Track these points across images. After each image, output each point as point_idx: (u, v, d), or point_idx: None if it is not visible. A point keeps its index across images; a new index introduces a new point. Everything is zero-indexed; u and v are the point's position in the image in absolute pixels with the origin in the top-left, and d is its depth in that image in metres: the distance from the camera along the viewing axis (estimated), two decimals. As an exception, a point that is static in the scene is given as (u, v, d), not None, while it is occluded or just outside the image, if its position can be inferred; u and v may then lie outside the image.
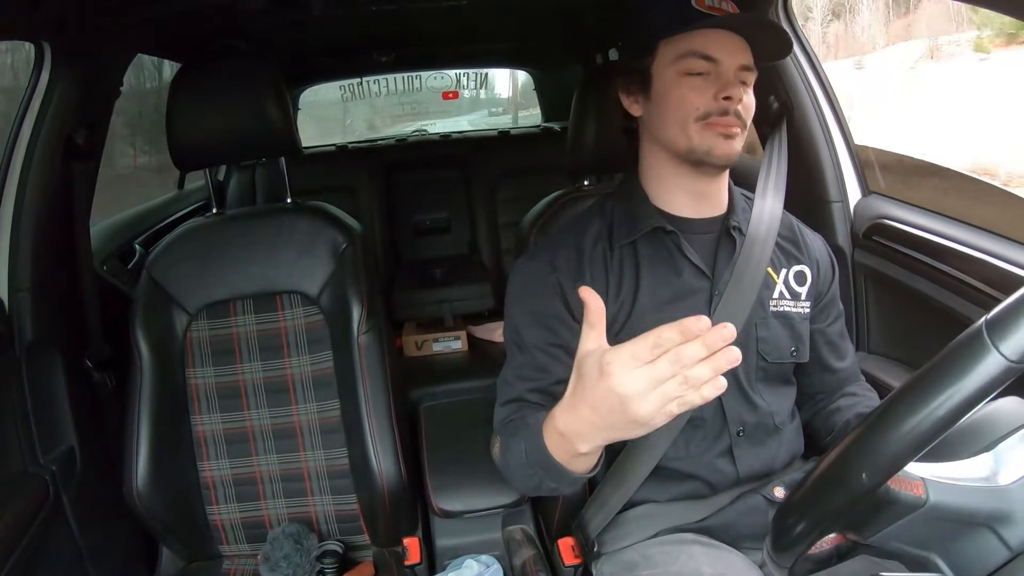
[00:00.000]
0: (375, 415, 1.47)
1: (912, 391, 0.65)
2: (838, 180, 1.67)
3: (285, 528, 1.44)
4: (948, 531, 0.70)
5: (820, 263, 1.26)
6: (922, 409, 0.64)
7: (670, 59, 1.11)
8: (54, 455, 1.45)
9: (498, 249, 3.14)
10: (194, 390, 1.52)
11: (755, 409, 1.19)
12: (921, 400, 0.64)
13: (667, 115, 1.13)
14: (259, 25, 1.86)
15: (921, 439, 0.64)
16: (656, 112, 1.15)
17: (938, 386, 0.63)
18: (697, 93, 1.09)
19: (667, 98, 1.12)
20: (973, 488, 0.69)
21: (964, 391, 0.62)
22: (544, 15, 2.24)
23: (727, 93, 1.07)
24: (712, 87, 1.08)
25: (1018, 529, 0.68)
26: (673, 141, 1.13)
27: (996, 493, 0.69)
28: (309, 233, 1.53)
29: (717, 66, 1.08)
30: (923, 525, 0.70)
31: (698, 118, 1.09)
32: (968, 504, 0.69)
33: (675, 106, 1.11)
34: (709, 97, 1.08)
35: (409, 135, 3.70)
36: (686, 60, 1.09)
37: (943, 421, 0.63)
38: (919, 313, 1.49)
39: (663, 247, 1.18)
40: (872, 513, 0.71)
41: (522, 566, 1.52)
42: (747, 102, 1.11)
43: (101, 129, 1.64)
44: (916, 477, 0.69)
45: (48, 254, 1.48)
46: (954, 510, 0.69)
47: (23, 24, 1.29)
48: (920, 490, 0.69)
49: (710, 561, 1.10)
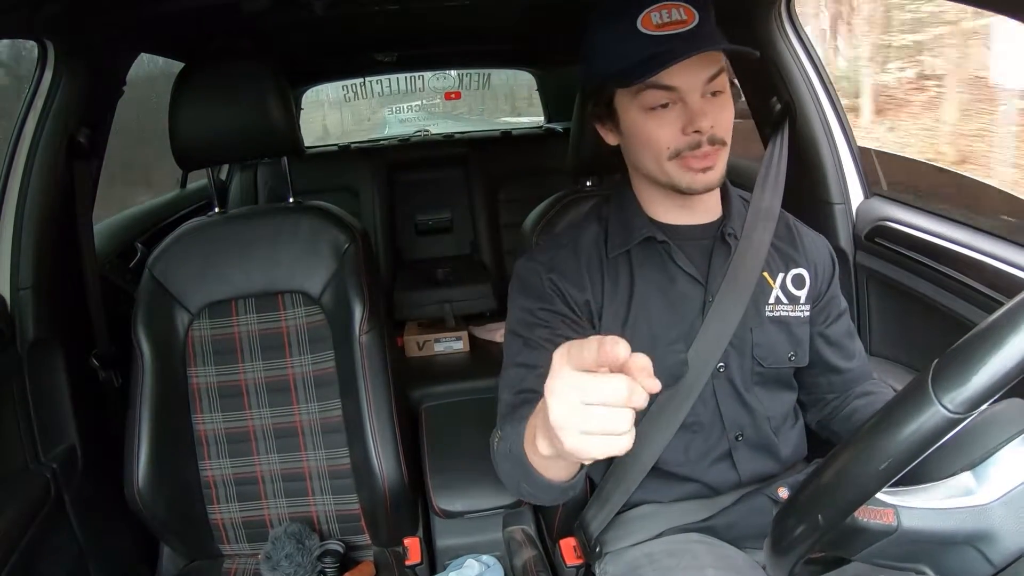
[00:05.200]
0: (376, 415, 1.47)
1: (857, 442, 0.67)
2: (840, 182, 1.67)
3: (286, 528, 1.44)
4: (931, 549, 0.71)
5: (819, 264, 1.25)
6: (868, 459, 0.65)
7: (629, 94, 1.06)
8: (55, 453, 1.46)
9: (500, 249, 3.15)
10: (195, 389, 1.52)
11: (753, 414, 1.19)
12: (866, 450, 0.66)
13: (640, 152, 1.10)
14: (262, 25, 1.86)
15: (863, 494, 0.66)
16: (629, 147, 1.13)
17: (881, 438, 0.64)
18: (664, 130, 1.05)
19: (636, 137, 1.09)
20: (949, 511, 0.70)
21: (906, 442, 0.63)
22: (546, 15, 2.24)
23: (695, 127, 1.03)
24: (678, 120, 1.04)
25: (1000, 546, 0.68)
26: (652, 174, 1.11)
27: (975, 513, 0.69)
28: (311, 233, 1.53)
29: (677, 92, 1.03)
30: (900, 546, 0.71)
31: (671, 156, 1.06)
32: (944, 527, 0.69)
33: (645, 145, 1.08)
34: (677, 132, 1.04)
35: (411, 135, 3.70)
36: (645, 94, 1.04)
37: (885, 475, 0.64)
38: (922, 315, 1.48)
39: (656, 254, 1.17)
40: (846, 539, 0.72)
41: (523, 566, 1.52)
42: (721, 119, 1.05)
43: (104, 128, 1.64)
44: (887, 505, 0.70)
45: (51, 253, 1.48)
46: (928, 534, 0.69)
47: (26, 23, 1.29)
48: (891, 518, 0.69)
49: (714, 561, 1.10)
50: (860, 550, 0.72)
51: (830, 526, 0.68)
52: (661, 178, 1.10)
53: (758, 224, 1.19)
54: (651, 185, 1.16)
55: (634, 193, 1.21)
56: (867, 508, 0.69)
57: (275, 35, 2.10)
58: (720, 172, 1.09)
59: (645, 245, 1.17)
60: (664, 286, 1.16)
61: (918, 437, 0.62)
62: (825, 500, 0.68)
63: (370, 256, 1.55)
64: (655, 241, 1.16)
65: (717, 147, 1.06)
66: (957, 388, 0.59)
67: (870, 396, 1.26)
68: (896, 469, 0.63)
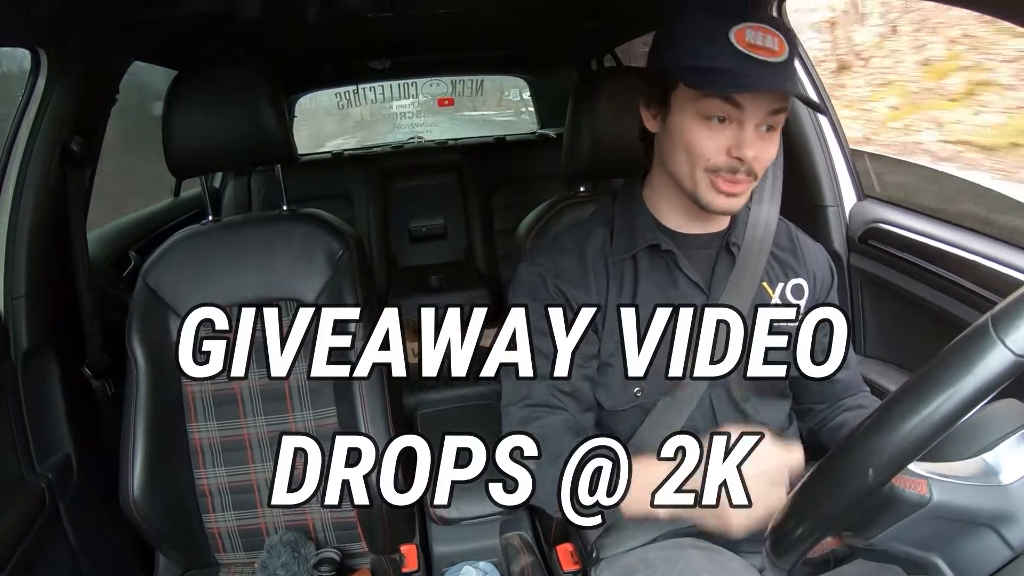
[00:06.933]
0: (372, 422, 1.46)
1: (917, 386, 0.65)
2: (833, 185, 1.68)
3: (282, 536, 1.43)
4: (950, 531, 0.69)
5: (818, 274, 1.25)
6: (928, 404, 0.63)
7: (692, 96, 1.04)
8: (50, 463, 1.45)
9: (494, 255, 3.14)
10: (190, 398, 1.51)
11: (748, 421, 1.19)
12: (926, 395, 0.63)
13: (677, 153, 1.09)
14: (255, 32, 1.86)
15: (927, 435, 0.63)
16: (668, 142, 1.11)
17: (944, 381, 0.62)
18: (712, 143, 1.04)
19: (680, 137, 1.07)
20: (977, 488, 0.69)
21: (970, 386, 0.61)
22: (540, 21, 2.24)
23: (740, 153, 1.02)
24: (729, 139, 1.03)
25: (1020, 528, 0.68)
26: (679, 177, 1.10)
27: (998, 492, 0.68)
28: (305, 240, 1.53)
29: (741, 112, 1.02)
30: (925, 525, 0.69)
31: (707, 169, 1.06)
32: (972, 503, 0.68)
33: (686, 149, 1.07)
34: (722, 150, 1.04)
35: (405, 142, 3.71)
36: (709, 102, 1.03)
37: (949, 416, 0.62)
38: (915, 317, 1.49)
39: (661, 260, 1.17)
40: (876, 512, 0.70)
41: (520, 573, 1.52)
42: (764, 154, 1.05)
43: (97, 136, 1.64)
44: (920, 475, 0.68)
45: (44, 262, 1.47)
46: (957, 509, 0.68)
47: (19, 31, 1.29)
48: (924, 488, 0.68)
49: (708, 566, 1.10)
50: (887, 527, 0.71)
51: (880, 482, 0.66)
52: (687, 185, 1.09)
53: (758, 232, 1.20)
54: (671, 187, 1.15)
55: (642, 196, 1.21)
56: (902, 477, 0.68)
57: (268, 43, 2.11)
58: (743, 201, 1.09)
59: (650, 251, 1.17)
60: (668, 293, 1.17)
61: (982, 380, 0.60)
62: (883, 448, 0.65)
63: (364, 263, 1.55)
64: (660, 249, 1.16)
65: (751, 178, 1.06)
66: (1021, 330, 0.59)
67: (861, 410, 1.25)
68: (957, 414, 0.62)
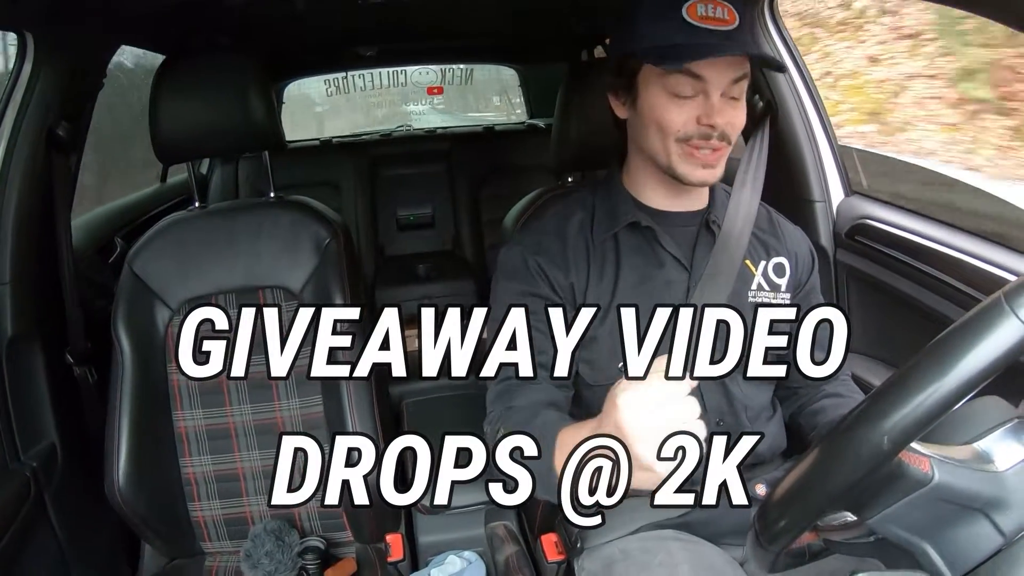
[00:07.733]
0: (358, 411, 1.46)
1: (931, 356, 0.65)
2: (821, 180, 1.68)
3: (267, 525, 1.43)
4: (944, 517, 0.70)
5: (799, 254, 1.27)
6: (944, 374, 0.63)
7: (656, 74, 1.08)
8: (35, 452, 1.44)
9: (481, 245, 3.15)
10: (176, 386, 1.50)
11: (734, 401, 1.20)
12: (941, 364, 0.63)
13: (649, 130, 1.12)
14: (243, 19, 1.84)
15: (943, 401, 0.63)
16: (639, 123, 1.15)
17: (962, 347, 0.62)
18: (681, 115, 1.08)
19: (651, 114, 1.10)
20: (976, 471, 0.69)
21: (985, 356, 0.61)
22: (530, 12, 2.24)
23: (711, 120, 1.06)
24: (697, 109, 1.07)
25: (1013, 515, 0.68)
26: (653, 153, 1.13)
27: (992, 478, 0.69)
28: (292, 228, 1.52)
29: (705, 83, 1.06)
30: (924, 507, 0.69)
31: (679, 139, 1.09)
32: (970, 486, 0.68)
33: (657, 124, 1.10)
34: (692, 120, 1.07)
35: (394, 130, 3.69)
36: (674, 78, 1.07)
37: (966, 384, 0.62)
38: (901, 313, 1.50)
39: (643, 239, 1.19)
40: (880, 488, 0.70)
41: (505, 562, 1.52)
42: (735, 120, 1.09)
43: (83, 122, 1.63)
44: (923, 454, 0.68)
45: (29, 248, 1.46)
46: (957, 491, 0.68)
47: (5, 14, 1.27)
48: (927, 467, 0.68)
49: (688, 557, 1.11)
50: (888, 505, 0.71)
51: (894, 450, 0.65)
52: (662, 159, 1.12)
53: (740, 213, 1.21)
54: (647, 166, 1.18)
55: (622, 181, 1.23)
56: (908, 453, 0.68)
57: (256, 29, 2.09)
58: (719, 172, 1.12)
59: (631, 230, 1.19)
60: (650, 271, 1.18)
61: (999, 349, 0.60)
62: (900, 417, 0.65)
63: (351, 251, 1.55)
64: (641, 226, 1.18)
65: (725, 143, 1.09)
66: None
67: (840, 399, 1.27)
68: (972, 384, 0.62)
